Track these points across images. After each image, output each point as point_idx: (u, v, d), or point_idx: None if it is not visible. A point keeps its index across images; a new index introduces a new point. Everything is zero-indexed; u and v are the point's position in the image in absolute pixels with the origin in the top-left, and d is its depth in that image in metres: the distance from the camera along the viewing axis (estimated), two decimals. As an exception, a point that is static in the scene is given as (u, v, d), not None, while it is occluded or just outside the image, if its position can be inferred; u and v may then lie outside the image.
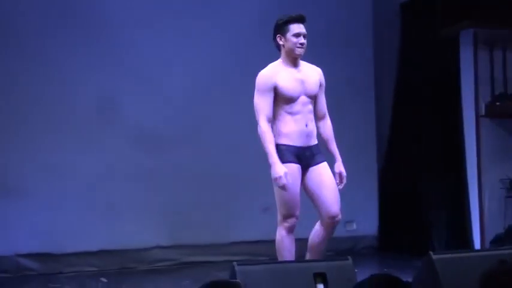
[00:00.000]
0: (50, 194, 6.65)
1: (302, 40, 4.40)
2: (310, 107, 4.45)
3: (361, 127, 7.52)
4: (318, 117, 4.57)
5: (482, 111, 6.77)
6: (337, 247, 7.39)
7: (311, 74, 4.49)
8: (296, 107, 4.37)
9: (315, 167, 4.44)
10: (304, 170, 4.44)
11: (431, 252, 3.61)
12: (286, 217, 4.41)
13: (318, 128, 4.59)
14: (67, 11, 6.80)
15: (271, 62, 4.55)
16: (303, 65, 4.52)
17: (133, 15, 6.96)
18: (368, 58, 7.66)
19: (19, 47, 6.66)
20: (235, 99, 6.97)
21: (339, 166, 4.56)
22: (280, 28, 4.42)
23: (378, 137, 7.68)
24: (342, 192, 7.09)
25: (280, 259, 4.47)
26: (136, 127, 6.91)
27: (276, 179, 4.32)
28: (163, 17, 7.00)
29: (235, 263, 3.69)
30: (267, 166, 7.03)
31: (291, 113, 4.38)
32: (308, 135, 4.42)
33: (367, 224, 7.51)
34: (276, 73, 4.39)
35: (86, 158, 6.75)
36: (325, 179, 4.44)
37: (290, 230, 4.43)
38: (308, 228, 4.61)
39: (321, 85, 4.55)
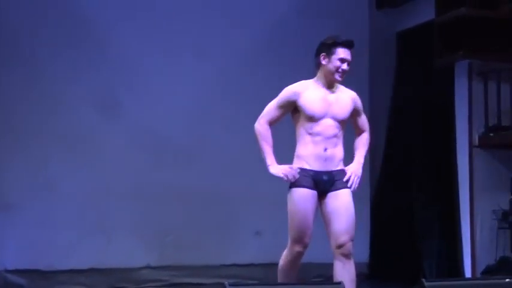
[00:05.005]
0: (40, 211, 6.63)
1: (345, 67, 4.29)
2: (336, 131, 4.25)
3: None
4: (357, 134, 4.49)
5: (476, 142, 6.80)
6: (327, 273, 7.33)
7: (343, 98, 4.33)
8: (317, 127, 4.21)
9: (333, 193, 4.24)
10: (322, 195, 4.26)
11: (423, 280, 3.61)
12: (293, 241, 4.27)
13: (355, 141, 4.48)
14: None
15: (262, 85, 4.55)
16: (338, 88, 4.37)
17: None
18: (363, 86, 7.67)
19: (14, 58, 6.67)
20: (230, 123, 7.00)
21: (351, 166, 4.36)
22: (327, 48, 4.29)
23: (371, 164, 7.68)
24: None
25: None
26: (131, 146, 6.91)
27: (281, 177, 4.22)
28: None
29: (227, 283, 3.62)
30: (261, 189, 7.07)
31: (310, 134, 4.22)
32: (327, 160, 4.23)
33: (359, 251, 7.37)
34: (303, 90, 4.27)
35: (77, 176, 6.74)
36: (340, 205, 4.22)
37: (295, 258, 4.31)
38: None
39: (355, 109, 4.40)
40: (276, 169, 4.25)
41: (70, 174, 6.72)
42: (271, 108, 4.32)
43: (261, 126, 4.29)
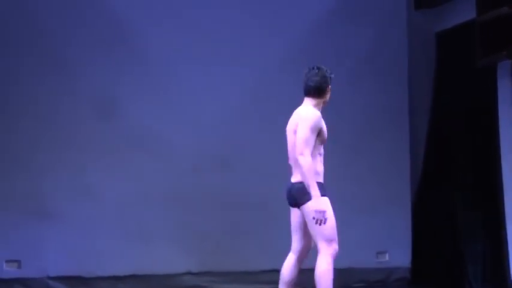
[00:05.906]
0: (81, 218, 6.69)
1: None
2: None
3: (395, 156, 7.44)
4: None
5: (520, 144, 6.66)
6: (369, 278, 7.30)
7: None
8: (323, 149, 4.87)
9: None
10: None
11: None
12: (332, 241, 4.74)
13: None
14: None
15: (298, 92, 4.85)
16: None
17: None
18: (403, 87, 7.61)
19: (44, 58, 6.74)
20: (269, 128, 6.96)
21: None
22: (330, 81, 4.96)
23: (412, 167, 7.59)
24: (375, 222, 7.08)
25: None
26: (169, 152, 6.93)
27: (320, 211, 4.63)
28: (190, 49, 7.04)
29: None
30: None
31: (320, 154, 4.85)
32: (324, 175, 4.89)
33: (400, 256, 7.39)
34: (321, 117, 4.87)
35: (116, 183, 6.78)
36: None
37: (334, 258, 4.76)
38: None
39: None
40: (324, 203, 4.65)
41: (109, 181, 6.76)
42: (309, 139, 4.73)
43: (310, 160, 4.68)
